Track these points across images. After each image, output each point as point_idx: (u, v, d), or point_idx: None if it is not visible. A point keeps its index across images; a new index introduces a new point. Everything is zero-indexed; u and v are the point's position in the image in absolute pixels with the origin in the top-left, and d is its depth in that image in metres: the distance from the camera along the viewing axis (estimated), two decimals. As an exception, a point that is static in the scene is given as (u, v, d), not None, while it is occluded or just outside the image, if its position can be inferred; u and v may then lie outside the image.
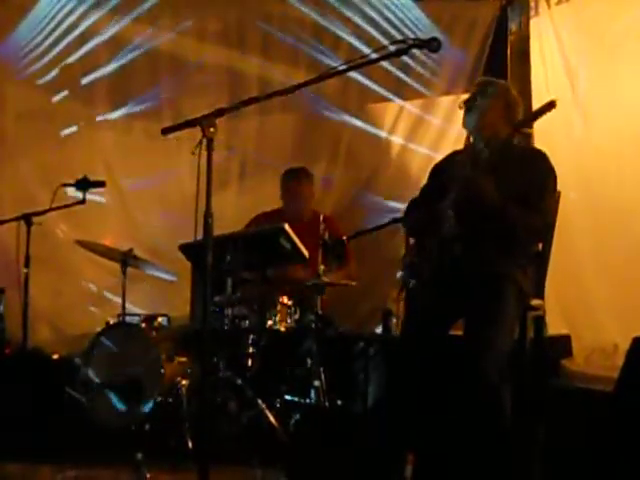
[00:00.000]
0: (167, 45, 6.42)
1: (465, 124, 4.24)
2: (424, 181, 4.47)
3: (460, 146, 4.58)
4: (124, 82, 6.41)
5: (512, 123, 4.17)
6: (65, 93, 6.36)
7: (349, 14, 6.42)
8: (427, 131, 6.46)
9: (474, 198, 3.93)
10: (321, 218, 4.95)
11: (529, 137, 6.02)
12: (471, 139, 4.33)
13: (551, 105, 3.87)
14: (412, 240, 4.42)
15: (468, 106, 4.21)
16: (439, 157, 4.66)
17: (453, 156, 4.42)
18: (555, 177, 4.09)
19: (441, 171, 4.39)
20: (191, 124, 3.21)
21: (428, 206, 4.24)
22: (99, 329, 5.18)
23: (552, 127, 5.65)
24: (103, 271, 6.05)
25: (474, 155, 4.14)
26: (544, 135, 5.40)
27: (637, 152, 5.28)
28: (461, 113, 4.26)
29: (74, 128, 6.40)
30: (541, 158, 4.12)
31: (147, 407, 4.82)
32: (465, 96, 4.35)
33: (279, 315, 4.99)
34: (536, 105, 6.01)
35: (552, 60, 5.93)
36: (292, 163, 6.01)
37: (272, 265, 5.14)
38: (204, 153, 3.19)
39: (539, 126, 5.97)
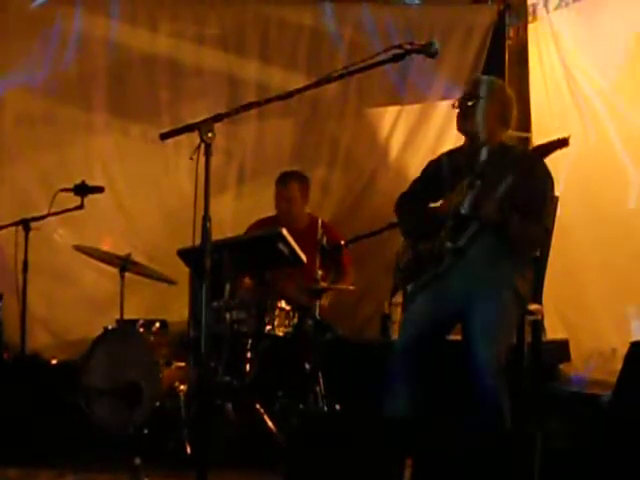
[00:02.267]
0: (165, 49, 6.42)
1: (460, 126, 4.22)
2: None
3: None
4: (123, 86, 6.41)
5: (507, 122, 4.18)
6: (63, 97, 6.36)
7: (347, 18, 6.45)
8: (425, 135, 6.46)
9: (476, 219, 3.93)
10: (319, 223, 4.96)
11: (527, 141, 6.04)
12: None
13: (564, 142, 3.79)
14: (406, 244, 4.40)
15: (462, 107, 4.18)
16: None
17: (449, 155, 4.41)
18: (553, 183, 4.09)
19: (435, 170, 4.38)
20: (189, 129, 3.21)
21: (419, 204, 4.25)
22: (97, 334, 5.18)
23: (550, 131, 5.66)
24: (101, 276, 6.03)
25: (470, 159, 4.13)
26: (542, 139, 5.39)
27: (636, 156, 5.29)
28: None
29: (72, 132, 6.39)
30: (538, 164, 4.11)
31: (145, 412, 4.83)
32: None
33: (277, 320, 4.98)
34: (534, 110, 6.06)
35: (550, 65, 5.94)
36: (290, 168, 6.00)
37: (270, 270, 5.16)
38: (202, 158, 3.19)
39: (537, 130, 6.02)
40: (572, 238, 5.48)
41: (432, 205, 4.31)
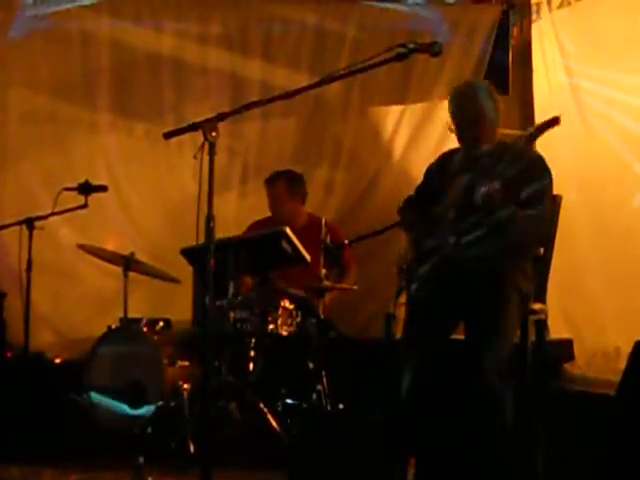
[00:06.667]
0: (169, 48, 6.43)
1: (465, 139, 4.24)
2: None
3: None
4: (126, 85, 6.42)
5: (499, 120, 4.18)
6: (67, 97, 6.37)
7: (350, 18, 6.45)
8: (429, 134, 6.45)
9: (483, 208, 3.91)
10: (323, 222, 4.95)
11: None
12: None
13: (555, 121, 3.80)
14: (408, 246, 4.40)
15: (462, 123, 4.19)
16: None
17: (448, 156, 4.41)
18: (552, 179, 4.06)
19: (436, 172, 4.38)
20: (193, 128, 3.22)
21: (423, 207, 4.24)
22: (101, 333, 5.19)
23: (553, 130, 5.64)
24: (105, 275, 6.04)
25: (470, 158, 4.14)
26: (545, 138, 5.37)
27: (638, 155, 5.28)
28: None
29: (76, 132, 6.40)
30: (537, 159, 4.10)
31: (149, 411, 4.83)
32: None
33: (281, 319, 4.99)
34: (538, 109, 6.06)
35: (554, 64, 5.93)
36: (293, 167, 6.01)
37: (274, 269, 5.17)
38: (206, 157, 3.19)
39: (540, 129, 6.01)
40: (576, 237, 5.47)
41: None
